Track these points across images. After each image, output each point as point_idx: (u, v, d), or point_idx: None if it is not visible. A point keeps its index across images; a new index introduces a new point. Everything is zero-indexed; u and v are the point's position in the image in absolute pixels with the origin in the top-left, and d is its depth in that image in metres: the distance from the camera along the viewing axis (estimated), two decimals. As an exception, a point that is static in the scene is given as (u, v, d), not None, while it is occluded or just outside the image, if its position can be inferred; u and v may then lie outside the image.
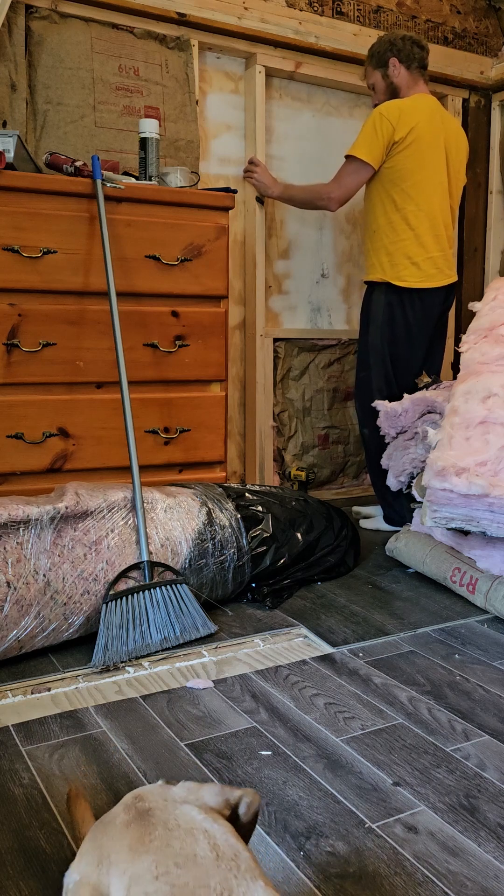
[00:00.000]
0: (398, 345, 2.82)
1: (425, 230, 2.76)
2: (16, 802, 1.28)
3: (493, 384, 2.14)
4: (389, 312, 2.80)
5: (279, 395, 3.31)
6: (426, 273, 2.78)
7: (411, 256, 2.76)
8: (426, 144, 2.71)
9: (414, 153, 2.70)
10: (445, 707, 1.62)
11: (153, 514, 2.02)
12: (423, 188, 2.73)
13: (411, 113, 2.69)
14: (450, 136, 2.79)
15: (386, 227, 2.78)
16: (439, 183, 2.76)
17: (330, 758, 1.42)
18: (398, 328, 2.81)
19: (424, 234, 2.76)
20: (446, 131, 2.78)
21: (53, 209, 2.26)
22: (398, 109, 2.69)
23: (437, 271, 2.81)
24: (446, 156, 2.78)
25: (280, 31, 3.03)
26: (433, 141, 2.73)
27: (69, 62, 2.66)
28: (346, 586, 2.37)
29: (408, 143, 2.68)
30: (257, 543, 2.19)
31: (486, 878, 1.12)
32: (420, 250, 2.76)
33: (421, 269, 2.77)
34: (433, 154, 2.73)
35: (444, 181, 2.78)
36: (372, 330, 2.84)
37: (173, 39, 2.85)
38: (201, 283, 2.50)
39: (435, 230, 2.78)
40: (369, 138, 2.69)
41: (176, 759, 1.41)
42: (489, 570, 2.16)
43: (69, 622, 1.83)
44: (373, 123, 2.69)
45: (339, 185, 2.78)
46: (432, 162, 2.73)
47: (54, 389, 2.33)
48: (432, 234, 2.77)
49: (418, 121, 2.69)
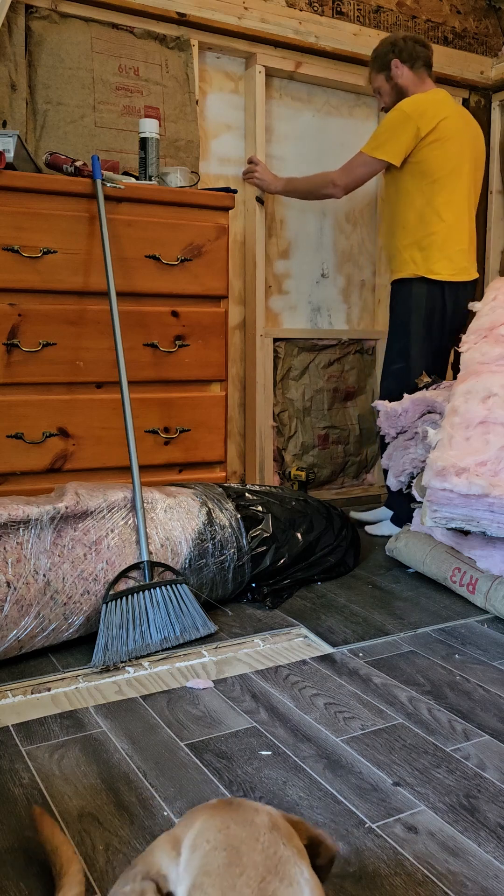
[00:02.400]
0: (434, 339, 2.80)
1: (456, 221, 2.73)
2: (16, 802, 1.28)
3: (493, 384, 2.14)
4: (430, 305, 2.76)
5: (279, 395, 3.31)
6: (459, 266, 2.76)
7: (444, 249, 2.73)
8: (454, 137, 2.68)
9: (443, 145, 2.67)
10: (445, 707, 1.62)
11: (153, 514, 2.02)
12: (453, 180, 2.70)
13: (437, 106, 2.67)
14: (470, 129, 2.79)
15: (416, 222, 2.74)
16: (467, 174, 2.74)
17: (330, 758, 1.42)
18: (435, 321, 2.78)
19: (456, 226, 2.73)
20: (468, 122, 2.78)
21: (53, 209, 2.26)
22: (421, 103, 2.66)
23: (470, 264, 2.80)
24: (471, 148, 2.76)
25: (280, 31, 3.03)
26: (460, 134, 2.71)
27: (69, 62, 2.66)
28: (346, 586, 2.37)
29: (436, 136, 2.65)
30: (257, 543, 2.19)
31: (486, 878, 1.12)
32: (452, 243, 2.74)
33: (453, 261, 2.75)
34: (461, 146, 2.71)
35: (470, 174, 2.76)
36: (415, 319, 2.77)
37: (173, 39, 2.85)
38: (201, 283, 2.50)
39: (467, 223, 2.76)
40: (391, 135, 2.66)
41: (176, 759, 1.41)
42: (489, 570, 2.16)
43: (69, 622, 1.83)
44: (396, 120, 2.66)
45: (348, 173, 2.77)
46: (460, 154, 2.70)
47: (54, 389, 2.33)
48: (464, 227, 2.76)
49: (447, 114, 2.66)
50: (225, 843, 0.87)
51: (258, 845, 0.87)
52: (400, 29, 3.36)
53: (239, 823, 0.90)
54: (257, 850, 0.86)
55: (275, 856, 0.86)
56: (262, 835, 0.88)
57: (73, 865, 1.06)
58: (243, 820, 0.91)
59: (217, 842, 0.87)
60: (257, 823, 0.90)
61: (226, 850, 0.86)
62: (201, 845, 0.88)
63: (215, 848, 0.87)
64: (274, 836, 0.89)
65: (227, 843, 0.87)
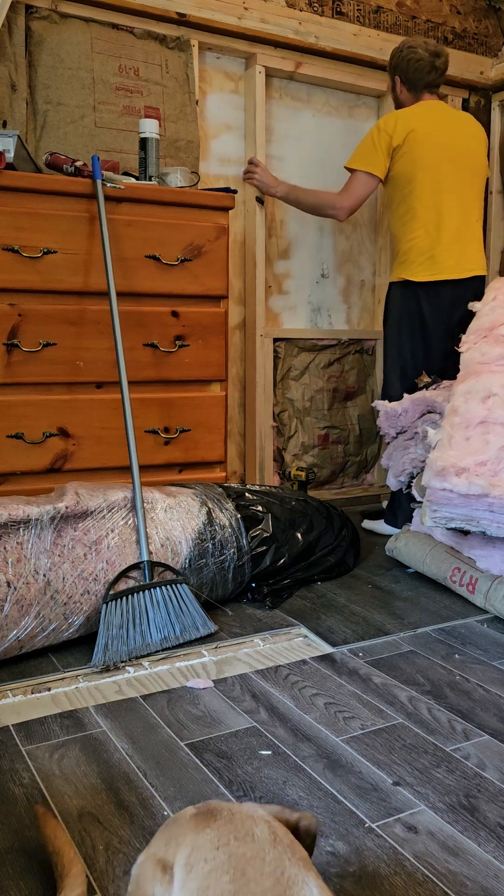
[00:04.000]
0: (414, 340, 2.85)
1: (435, 225, 2.77)
2: (16, 802, 1.28)
3: (493, 384, 2.14)
4: (405, 306, 2.84)
5: (279, 395, 3.31)
6: (442, 265, 2.79)
7: (424, 251, 2.79)
8: (425, 146, 2.75)
9: (416, 155, 2.75)
10: (445, 707, 1.62)
11: (153, 513, 2.03)
12: (426, 187, 2.76)
13: (408, 119, 2.76)
14: (456, 130, 2.80)
15: (400, 230, 2.85)
16: (447, 181, 2.77)
17: (330, 757, 1.42)
18: (414, 321, 2.83)
19: (435, 229, 2.78)
20: (451, 124, 2.80)
21: (53, 209, 2.26)
22: (394, 119, 2.78)
23: (456, 263, 2.81)
24: (455, 150, 2.78)
25: (280, 31, 3.03)
26: (434, 141, 2.75)
27: (69, 62, 2.66)
28: (346, 586, 2.37)
29: (407, 147, 2.75)
30: (257, 543, 2.20)
31: (486, 877, 1.12)
32: (433, 243, 2.78)
33: (435, 261, 2.78)
34: (435, 154, 2.75)
35: (453, 177, 2.79)
36: (390, 324, 2.90)
37: (173, 39, 2.85)
38: (201, 283, 2.50)
39: (448, 224, 2.78)
40: (367, 149, 2.79)
41: (176, 759, 1.41)
42: (489, 570, 2.17)
43: (69, 622, 1.83)
44: (370, 136, 2.79)
45: (349, 195, 2.84)
46: (432, 161, 2.75)
47: (54, 389, 2.33)
48: (445, 228, 2.78)
49: (414, 126, 2.75)
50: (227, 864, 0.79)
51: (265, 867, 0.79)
52: (400, 29, 3.36)
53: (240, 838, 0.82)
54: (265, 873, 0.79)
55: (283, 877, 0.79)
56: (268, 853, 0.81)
57: (76, 867, 1.06)
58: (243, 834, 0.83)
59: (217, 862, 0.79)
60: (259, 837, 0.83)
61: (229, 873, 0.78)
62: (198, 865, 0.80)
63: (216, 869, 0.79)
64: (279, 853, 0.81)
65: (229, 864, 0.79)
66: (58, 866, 1.07)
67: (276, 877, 0.79)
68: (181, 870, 0.81)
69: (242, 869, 0.79)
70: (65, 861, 1.06)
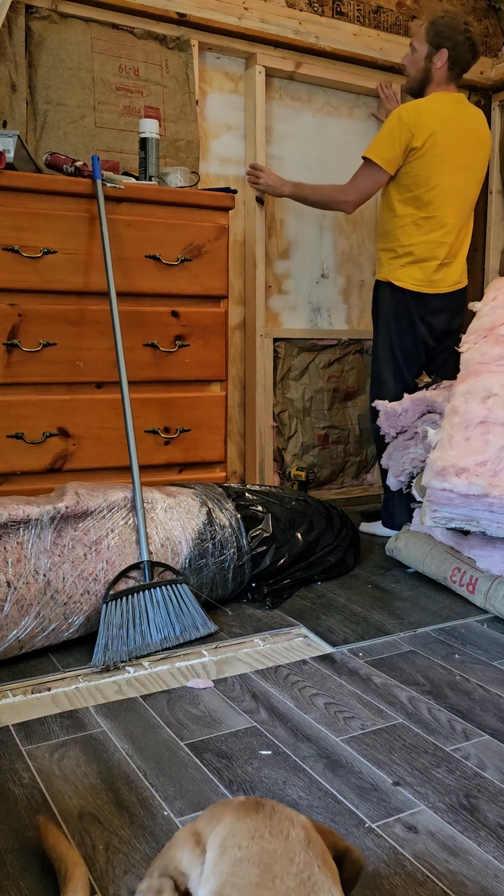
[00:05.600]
0: (405, 339, 2.82)
1: (436, 237, 2.75)
2: (16, 802, 1.28)
3: (493, 384, 2.14)
4: (395, 305, 2.81)
5: (279, 395, 3.31)
6: (429, 278, 2.78)
7: (416, 262, 2.76)
8: (443, 151, 2.68)
9: (430, 161, 2.68)
10: (445, 707, 1.62)
11: (153, 513, 2.03)
12: (437, 195, 2.71)
13: (430, 117, 2.66)
14: (470, 134, 2.77)
15: (397, 231, 2.78)
16: (455, 189, 2.74)
17: (330, 757, 1.42)
18: (403, 322, 2.82)
19: (434, 241, 2.75)
20: (467, 129, 2.76)
21: (53, 209, 2.26)
22: (417, 113, 2.66)
23: (441, 278, 2.80)
24: (465, 157, 2.75)
25: (280, 31, 3.03)
26: (451, 146, 2.70)
27: (69, 62, 2.66)
28: (346, 586, 2.37)
29: (425, 150, 2.67)
30: (257, 543, 2.20)
31: (486, 877, 1.12)
32: (428, 255, 2.76)
33: (424, 273, 2.77)
34: (450, 160, 2.70)
35: (460, 186, 2.76)
36: (381, 322, 2.86)
37: (173, 39, 2.85)
38: (201, 283, 2.50)
39: (447, 237, 2.77)
40: (387, 142, 2.68)
41: (176, 759, 1.41)
42: (489, 570, 2.17)
43: (69, 622, 1.83)
44: (391, 127, 2.67)
45: (356, 188, 2.79)
46: (449, 168, 2.70)
47: (54, 389, 2.33)
48: (443, 241, 2.77)
49: (436, 127, 2.66)
50: (258, 857, 0.81)
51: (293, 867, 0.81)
52: (400, 29, 3.36)
53: (274, 835, 0.84)
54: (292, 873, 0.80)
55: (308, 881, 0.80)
56: (298, 854, 0.82)
57: (79, 869, 1.06)
58: (279, 831, 0.85)
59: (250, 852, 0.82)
60: (293, 839, 0.84)
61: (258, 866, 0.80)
62: (231, 850, 0.83)
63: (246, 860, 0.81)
64: (309, 858, 0.83)
65: (260, 857, 0.81)
66: (61, 870, 1.07)
67: (301, 878, 0.80)
68: (215, 850, 0.83)
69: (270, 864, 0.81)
70: (68, 865, 1.07)
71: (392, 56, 3.30)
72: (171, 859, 0.87)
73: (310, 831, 0.87)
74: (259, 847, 0.82)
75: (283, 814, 0.88)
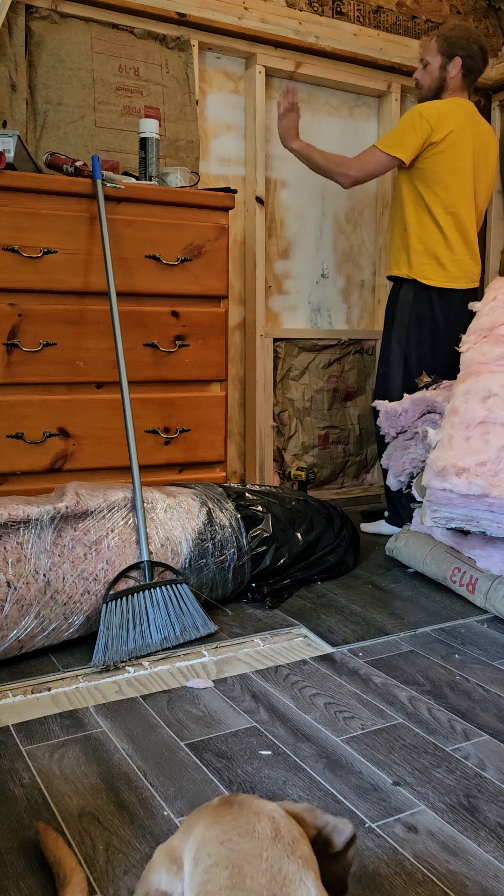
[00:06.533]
0: (423, 344, 2.81)
1: (452, 233, 2.77)
2: (16, 802, 1.28)
3: (493, 384, 2.14)
4: (416, 309, 2.79)
5: (279, 395, 3.31)
6: (451, 274, 2.78)
7: (438, 257, 2.77)
8: (459, 150, 2.72)
9: (448, 158, 2.71)
10: (445, 707, 1.62)
11: (153, 513, 2.03)
12: (452, 192, 2.74)
13: (450, 116, 2.70)
14: (481, 141, 2.80)
15: (416, 226, 2.79)
16: (468, 189, 2.77)
17: (330, 757, 1.42)
18: (424, 326, 2.80)
19: (452, 237, 2.77)
20: (478, 135, 2.79)
21: (53, 209, 2.26)
22: (437, 111, 2.69)
23: (463, 275, 2.81)
24: (475, 161, 2.78)
25: (280, 31, 3.03)
26: (465, 147, 2.73)
27: (69, 62, 2.66)
28: (346, 586, 2.37)
29: (444, 147, 2.69)
30: (257, 543, 2.20)
31: (486, 877, 1.12)
32: (447, 252, 2.77)
33: (447, 269, 2.78)
34: (464, 160, 2.74)
35: (472, 187, 2.78)
36: (397, 326, 2.83)
37: (173, 39, 2.85)
38: (201, 283, 2.50)
39: (462, 234, 2.79)
40: (405, 134, 2.69)
41: (176, 759, 1.41)
42: (489, 570, 2.17)
43: (69, 622, 1.83)
44: (412, 121, 2.68)
45: (360, 165, 2.76)
46: (463, 167, 2.74)
47: (54, 389, 2.33)
48: (459, 238, 2.78)
49: (455, 126, 2.70)
50: (228, 860, 0.82)
51: (262, 864, 0.82)
52: (400, 29, 3.36)
53: (242, 834, 0.85)
54: (261, 870, 0.81)
55: (279, 874, 0.81)
56: (266, 850, 0.83)
57: (77, 875, 1.06)
58: (246, 830, 0.86)
59: (219, 857, 0.83)
60: (260, 833, 0.85)
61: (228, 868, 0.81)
62: (203, 859, 0.83)
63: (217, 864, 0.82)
64: (278, 850, 0.84)
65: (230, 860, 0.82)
66: (59, 875, 1.07)
67: (272, 873, 0.81)
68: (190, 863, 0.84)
69: (240, 865, 0.81)
70: (66, 870, 1.07)
71: (392, 56, 3.30)
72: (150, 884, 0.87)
73: (277, 821, 0.87)
74: (227, 850, 0.83)
75: (250, 809, 0.88)
